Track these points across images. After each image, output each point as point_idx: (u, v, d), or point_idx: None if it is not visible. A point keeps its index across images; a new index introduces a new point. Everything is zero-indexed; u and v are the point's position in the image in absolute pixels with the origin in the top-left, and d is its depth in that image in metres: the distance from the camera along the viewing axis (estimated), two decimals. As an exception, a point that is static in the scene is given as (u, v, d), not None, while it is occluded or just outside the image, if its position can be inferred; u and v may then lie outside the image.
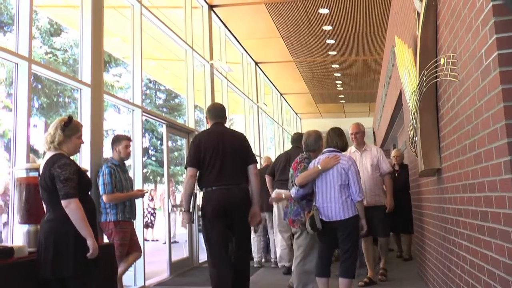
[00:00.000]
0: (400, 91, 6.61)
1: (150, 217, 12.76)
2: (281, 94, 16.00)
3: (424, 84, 3.87)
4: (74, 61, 17.02)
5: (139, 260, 5.07)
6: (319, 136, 4.61)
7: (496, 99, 2.35)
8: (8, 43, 14.18)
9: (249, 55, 11.85)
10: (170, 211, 7.17)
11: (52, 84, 16.91)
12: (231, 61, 10.41)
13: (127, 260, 4.62)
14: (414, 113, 4.22)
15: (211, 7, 9.01)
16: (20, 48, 4.17)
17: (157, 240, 12.68)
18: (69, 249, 2.88)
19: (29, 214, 3.39)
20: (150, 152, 24.81)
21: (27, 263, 3.02)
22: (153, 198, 13.19)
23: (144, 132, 6.12)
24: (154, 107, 24.68)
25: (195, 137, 4.16)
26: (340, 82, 14.38)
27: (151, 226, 12.83)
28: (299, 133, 6.26)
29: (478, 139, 2.73)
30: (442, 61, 3.47)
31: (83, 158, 4.86)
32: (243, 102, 11.72)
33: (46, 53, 17.46)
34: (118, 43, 9.37)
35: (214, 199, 3.90)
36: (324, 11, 8.77)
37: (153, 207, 13.04)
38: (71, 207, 2.86)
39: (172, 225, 9.29)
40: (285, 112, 17.24)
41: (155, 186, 24.68)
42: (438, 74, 3.65)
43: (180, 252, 7.71)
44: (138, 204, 5.22)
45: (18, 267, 2.97)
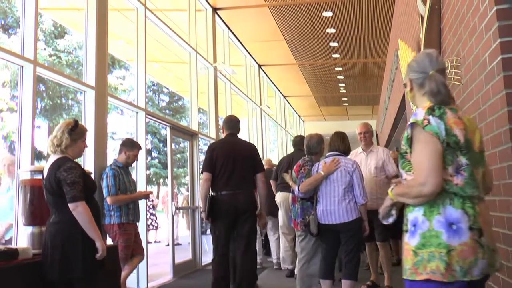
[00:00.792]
0: (404, 94, 6.60)
1: (151, 217, 12.81)
2: (284, 97, 16.01)
3: (427, 88, 3.86)
4: (78, 63, 17.07)
5: (142, 262, 5.08)
6: (321, 139, 4.66)
7: (500, 103, 2.35)
8: (13, 45, 14.23)
9: (253, 58, 11.87)
10: (173, 213, 7.18)
11: (56, 86, 16.97)
12: (234, 63, 10.42)
13: (131, 262, 4.63)
14: (417, 117, 4.21)
15: (215, 10, 9.04)
16: (26, 50, 4.19)
17: (159, 241, 12.70)
18: (77, 250, 2.90)
19: (34, 216, 3.40)
20: (153, 154, 24.85)
21: (32, 264, 3.03)
22: (152, 200, 13.22)
23: (147, 134, 6.14)
24: (158, 109, 24.73)
25: (210, 145, 4.81)
26: (343, 85, 14.38)
27: (154, 228, 12.86)
28: (301, 136, 6.29)
29: (481, 143, 2.72)
30: (445, 65, 3.48)
31: (87, 160, 4.88)
32: (246, 104, 11.74)
33: (50, 55, 17.53)
34: (122, 45, 9.40)
35: (222, 201, 4.40)
36: (327, 14, 8.78)
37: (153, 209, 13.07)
38: (78, 210, 2.88)
39: (175, 227, 9.29)
40: (288, 114, 17.25)
41: (158, 188, 24.72)
42: (441, 77, 3.65)
43: (183, 254, 7.72)
44: (142, 206, 5.24)
45: (23, 268, 2.98)
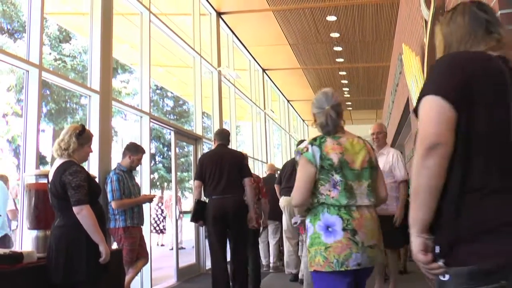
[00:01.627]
0: (408, 99, 6.60)
1: (161, 221, 12.91)
2: (288, 101, 16.02)
3: (431, 92, 3.86)
4: (83, 67, 17.14)
5: (146, 266, 5.08)
6: None
7: (504, 108, 2.34)
8: (18, 50, 14.30)
9: (257, 62, 11.89)
10: (177, 217, 7.18)
11: (61, 91, 17.04)
12: (238, 68, 10.45)
13: (136, 266, 4.63)
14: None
15: (219, 14, 9.07)
16: (31, 55, 4.22)
17: (163, 245, 12.73)
18: (81, 254, 2.92)
19: (38, 220, 3.41)
20: (157, 158, 24.88)
21: (36, 268, 3.05)
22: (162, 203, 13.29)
23: (151, 138, 6.16)
24: (162, 113, 24.79)
25: (201, 156, 5.32)
26: (347, 89, 14.38)
27: (159, 231, 12.90)
28: (303, 141, 6.31)
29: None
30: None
31: (91, 164, 4.89)
32: (250, 108, 11.75)
33: (55, 60, 17.61)
34: (126, 49, 9.44)
35: (212, 206, 4.74)
36: (331, 18, 8.80)
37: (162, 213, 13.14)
38: (83, 214, 2.90)
39: (179, 231, 9.31)
40: (292, 119, 17.25)
41: (162, 192, 24.74)
42: (446, 82, 3.64)
43: (187, 258, 7.71)
44: (146, 209, 5.25)
45: (27, 272, 2.99)
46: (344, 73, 12.68)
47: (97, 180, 4.44)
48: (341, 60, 11.45)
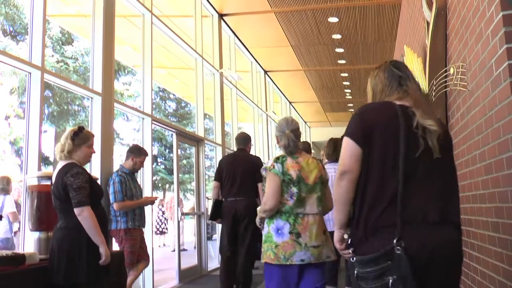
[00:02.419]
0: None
1: (163, 222, 12.98)
2: (290, 103, 16.02)
3: (433, 94, 3.86)
4: (85, 69, 17.17)
5: (147, 267, 5.08)
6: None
7: (507, 109, 2.34)
8: (21, 52, 14.33)
9: (259, 64, 11.90)
10: (179, 219, 7.18)
11: (63, 93, 17.06)
12: (240, 69, 10.45)
13: (136, 268, 4.63)
14: (423, 123, 4.20)
15: (221, 16, 9.08)
16: (33, 57, 4.22)
17: (164, 244, 12.75)
18: (82, 256, 2.92)
19: (40, 222, 3.42)
20: (159, 160, 24.87)
21: (38, 269, 3.05)
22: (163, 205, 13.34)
23: (153, 140, 6.17)
24: (164, 115, 24.79)
25: (220, 159, 5.85)
26: (349, 90, 14.37)
27: (160, 233, 12.94)
28: (307, 142, 6.35)
29: (488, 149, 2.71)
30: (451, 71, 3.47)
31: (93, 166, 4.89)
32: (252, 110, 11.75)
33: (58, 62, 17.63)
34: (128, 51, 9.45)
35: (225, 207, 5.22)
36: (333, 20, 8.79)
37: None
38: (84, 215, 2.90)
39: (180, 232, 9.29)
40: (294, 120, 17.22)
41: (163, 194, 24.72)
42: (447, 83, 3.64)
43: (189, 260, 7.71)
44: (147, 211, 5.25)
45: (29, 273, 3.00)
46: (346, 74, 12.67)
47: (99, 182, 4.45)
48: (343, 61, 11.44)
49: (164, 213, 12.96)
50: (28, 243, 3.71)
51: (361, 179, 1.89)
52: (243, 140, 5.52)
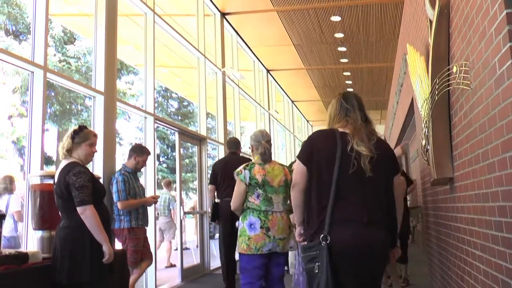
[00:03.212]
0: (412, 99, 6.57)
1: None
2: (292, 102, 16.01)
3: (436, 92, 3.85)
4: (88, 68, 17.18)
5: (150, 266, 5.09)
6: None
7: (510, 108, 2.33)
8: (23, 51, 14.35)
9: (261, 63, 11.89)
10: (181, 218, 7.19)
11: (65, 92, 17.07)
12: (243, 68, 10.45)
13: (139, 267, 4.64)
14: (426, 122, 4.19)
15: (223, 15, 9.07)
16: (36, 56, 4.24)
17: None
18: (85, 255, 2.93)
19: (43, 221, 3.43)
20: (161, 159, 24.88)
21: (41, 268, 3.06)
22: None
23: (155, 139, 6.21)
24: (167, 114, 24.79)
25: (214, 164, 6.20)
26: (351, 89, 14.35)
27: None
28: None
29: (491, 148, 2.70)
30: (454, 69, 3.46)
31: (95, 165, 4.90)
32: (254, 109, 11.75)
33: (60, 61, 17.63)
34: (131, 51, 9.46)
35: (223, 206, 5.50)
36: (336, 18, 8.79)
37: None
38: (86, 214, 2.91)
39: (183, 231, 9.29)
40: (297, 119, 17.23)
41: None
42: (450, 82, 3.63)
43: (191, 259, 7.72)
44: (150, 210, 5.25)
45: (32, 272, 3.01)
46: (348, 73, 12.66)
47: (101, 181, 4.45)
48: (345, 60, 11.43)
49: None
50: (31, 241, 3.72)
51: (307, 189, 2.48)
52: (235, 144, 6.00)
